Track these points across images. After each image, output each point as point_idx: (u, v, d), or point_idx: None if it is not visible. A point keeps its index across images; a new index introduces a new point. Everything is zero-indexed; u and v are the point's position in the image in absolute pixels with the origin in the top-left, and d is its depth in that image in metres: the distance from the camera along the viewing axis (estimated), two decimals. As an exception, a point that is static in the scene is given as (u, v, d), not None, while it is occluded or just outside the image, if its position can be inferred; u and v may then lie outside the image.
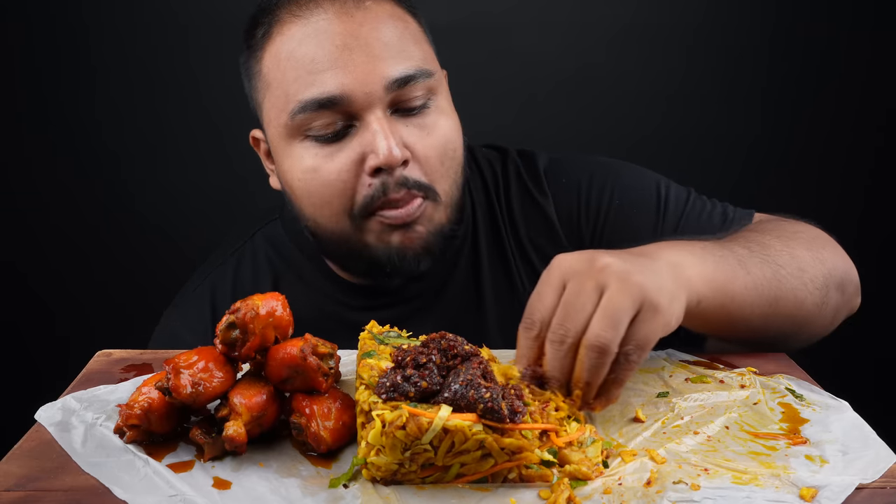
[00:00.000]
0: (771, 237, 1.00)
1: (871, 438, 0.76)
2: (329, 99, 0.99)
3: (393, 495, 0.67)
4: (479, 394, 0.67)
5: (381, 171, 1.01)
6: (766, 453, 0.74)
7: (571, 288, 0.77)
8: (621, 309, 0.75)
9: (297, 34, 1.01)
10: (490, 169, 1.22)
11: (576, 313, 0.76)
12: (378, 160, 0.99)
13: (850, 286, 1.04)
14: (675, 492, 0.68)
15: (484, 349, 0.84)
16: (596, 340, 0.74)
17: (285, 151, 1.05)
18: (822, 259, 1.00)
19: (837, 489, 0.67)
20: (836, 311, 1.02)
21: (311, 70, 1.00)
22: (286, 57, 1.02)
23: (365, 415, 0.70)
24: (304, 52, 1.01)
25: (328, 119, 1.00)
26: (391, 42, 1.02)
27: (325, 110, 1.00)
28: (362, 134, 1.01)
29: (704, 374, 0.91)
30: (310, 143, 1.02)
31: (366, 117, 1.01)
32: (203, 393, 0.73)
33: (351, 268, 1.12)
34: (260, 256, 1.20)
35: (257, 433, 0.74)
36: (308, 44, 1.01)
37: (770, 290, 0.93)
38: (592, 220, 1.16)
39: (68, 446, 0.74)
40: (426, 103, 1.05)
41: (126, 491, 0.67)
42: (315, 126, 1.01)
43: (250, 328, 0.75)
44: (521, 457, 0.68)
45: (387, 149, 0.99)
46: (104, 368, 0.91)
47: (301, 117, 1.01)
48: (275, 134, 1.06)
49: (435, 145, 1.04)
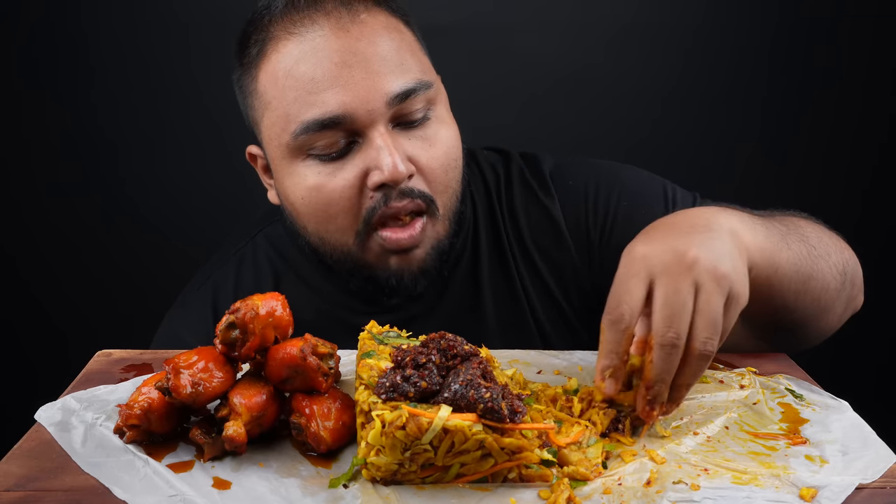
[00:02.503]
0: (798, 221, 1.02)
1: (871, 439, 0.76)
2: (332, 119, 0.98)
3: (393, 495, 0.67)
4: (479, 394, 0.67)
5: (385, 186, 1.00)
6: (765, 453, 0.74)
7: (667, 285, 0.76)
8: (719, 312, 0.75)
9: (294, 52, 1.01)
10: (492, 171, 1.21)
11: (682, 315, 0.75)
12: (383, 176, 0.99)
13: (857, 280, 1.04)
14: (675, 492, 0.68)
15: (483, 349, 0.84)
16: (704, 348, 0.75)
17: (287, 170, 1.05)
18: (840, 248, 1.02)
19: (837, 489, 0.67)
20: (846, 303, 1.03)
21: (310, 90, 0.99)
22: (284, 76, 1.01)
23: (365, 415, 0.70)
24: (302, 72, 1.00)
25: (331, 138, 1.00)
26: (389, 56, 1.01)
27: (328, 130, 0.99)
28: (366, 150, 1.01)
29: (704, 375, 0.91)
30: (312, 161, 1.02)
31: (369, 133, 1.00)
32: (203, 393, 0.73)
33: (353, 283, 1.12)
34: (261, 257, 1.19)
35: (257, 433, 0.74)
36: (306, 62, 1.00)
37: (806, 267, 0.93)
38: (600, 223, 1.15)
39: (68, 446, 0.74)
40: (426, 114, 1.04)
41: (126, 491, 0.67)
42: (318, 146, 1.01)
43: (250, 328, 0.75)
44: (521, 457, 0.68)
45: (392, 165, 0.98)
46: (104, 368, 0.91)
47: (304, 138, 1.00)
48: (276, 153, 1.05)
49: (438, 156, 1.04)
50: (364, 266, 1.07)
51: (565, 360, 0.96)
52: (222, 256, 1.22)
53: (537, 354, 0.98)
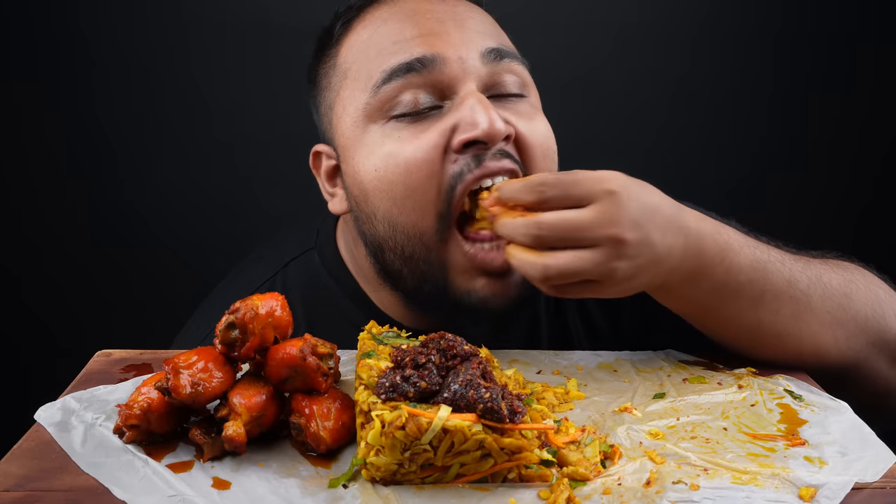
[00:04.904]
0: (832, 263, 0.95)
1: (871, 439, 0.76)
2: (419, 60, 0.88)
3: (392, 495, 0.67)
4: (479, 394, 0.67)
5: (474, 146, 0.87)
6: (764, 454, 0.74)
7: (586, 218, 0.76)
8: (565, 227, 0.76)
9: (383, 15, 0.93)
10: None
11: (562, 239, 0.77)
12: (475, 131, 0.85)
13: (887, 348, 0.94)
14: (675, 492, 0.68)
15: (483, 349, 0.84)
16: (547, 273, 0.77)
17: (361, 140, 0.92)
18: (882, 313, 0.93)
19: (836, 488, 0.67)
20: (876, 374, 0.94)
21: (397, 40, 0.90)
22: (367, 38, 0.92)
23: (364, 415, 0.70)
24: (389, 28, 0.91)
25: (415, 93, 0.89)
26: (486, 24, 0.96)
27: (414, 75, 0.88)
28: (455, 109, 0.89)
29: (703, 375, 0.91)
30: (393, 124, 0.90)
31: (459, 90, 0.89)
32: (202, 393, 0.73)
33: (420, 293, 0.95)
34: (293, 293, 1.05)
35: (257, 433, 0.74)
36: (394, 21, 0.92)
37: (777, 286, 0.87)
38: None
39: (68, 446, 0.74)
40: (522, 94, 0.94)
41: (125, 491, 0.67)
42: (401, 102, 0.89)
43: (250, 328, 0.75)
44: (521, 457, 0.68)
45: (488, 120, 0.85)
46: (104, 368, 0.91)
47: (386, 89, 0.89)
48: (350, 125, 0.93)
49: (537, 134, 0.92)
50: (442, 265, 0.91)
51: (565, 359, 0.96)
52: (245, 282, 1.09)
53: (537, 354, 0.98)
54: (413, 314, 1.02)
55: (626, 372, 0.92)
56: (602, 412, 0.82)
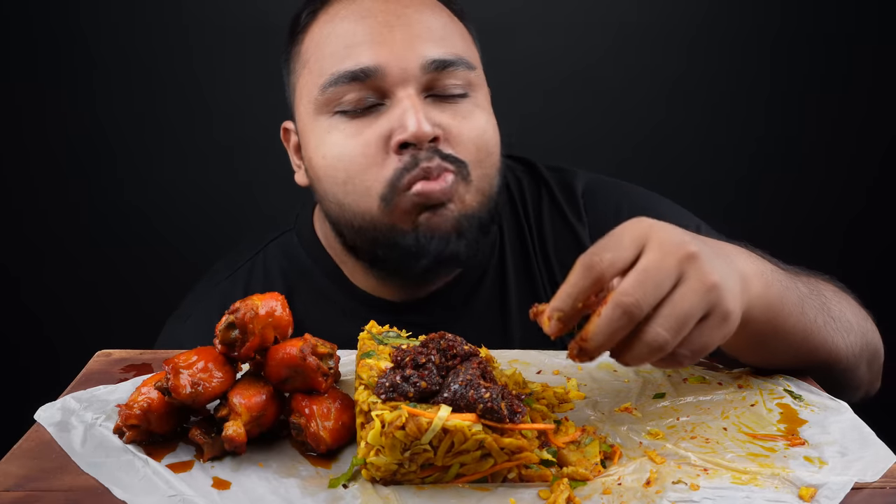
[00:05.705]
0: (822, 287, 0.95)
1: (871, 439, 0.76)
2: (362, 70, 0.97)
3: (392, 495, 0.68)
4: (479, 394, 0.67)
5: (409, 147, 0.96)
6: (764, 454, 0.74)
7: (653, 257, 0.67)
8: (691, 314, 0.67)
9: (341, 12, 1.01)
10: (516, 182, 1.18)
11: (652, 288, 0.66)
12: (405, 134, 0.95)
13: (875, 364, 0.99)
14: (675, 492, 0.68)
15: (483, 349, 0.84)
16: (654, 338, 0.66)
17: (312, 128, 1.02)
18: (864, 329, 0.96)
19: (836, 487, 0.67)
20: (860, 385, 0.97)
21: (348, 44, 0.98)
22: (326, 34, 1.01)
23: (364, 415, 0.70)
24: (344, 28, 0.99)
25: (358, 94, 0.98)
26: (435, 27, 1.00)
27: (357, 83, 0.97)
28: (392, 110, 0.98)
29: (702, 375, 0.91)
30: (338, 118, 0.99)
31: (397, 94, 0.97)
32: (202, 393, 0.73)
33: (378, 258, 1.04)
34: (273, 268, 1.15)
35: (257, 433, 0.74)
36: (350, 20, 0.99)
37: (817, 337, 0.87)
38: None
39: (68, 446, 0.74)
40: (464, 94, 1.01)
41: (125, 491, 0.67)
42: (345, 101, 0.98)
43: (249, 328, 0.75)
44: (521, 457, 0.68)
45: (416, 123, 0.94)
46: (104, 368, 0.91)
47: (332, 90, 0.98)
48: (304, 112, 1.03)
49: (470, 132, 0.99)
50: (389, 230, 0.99)
51: (565, 359, 0.96)
52: (229, 266, 1.18)
53: (537, 354, 0.98)
54: (385, 285, 1.10)
55: (626, 372, 0.92)
56: (602, 412, 0.82)
